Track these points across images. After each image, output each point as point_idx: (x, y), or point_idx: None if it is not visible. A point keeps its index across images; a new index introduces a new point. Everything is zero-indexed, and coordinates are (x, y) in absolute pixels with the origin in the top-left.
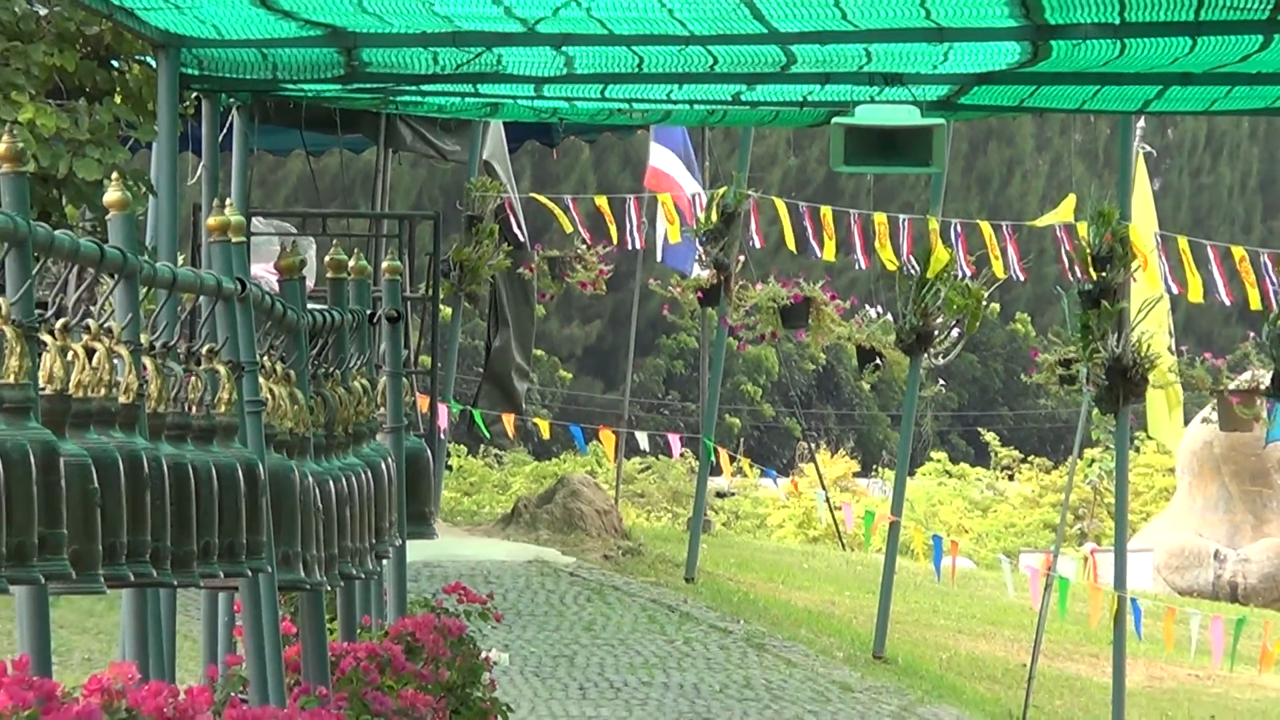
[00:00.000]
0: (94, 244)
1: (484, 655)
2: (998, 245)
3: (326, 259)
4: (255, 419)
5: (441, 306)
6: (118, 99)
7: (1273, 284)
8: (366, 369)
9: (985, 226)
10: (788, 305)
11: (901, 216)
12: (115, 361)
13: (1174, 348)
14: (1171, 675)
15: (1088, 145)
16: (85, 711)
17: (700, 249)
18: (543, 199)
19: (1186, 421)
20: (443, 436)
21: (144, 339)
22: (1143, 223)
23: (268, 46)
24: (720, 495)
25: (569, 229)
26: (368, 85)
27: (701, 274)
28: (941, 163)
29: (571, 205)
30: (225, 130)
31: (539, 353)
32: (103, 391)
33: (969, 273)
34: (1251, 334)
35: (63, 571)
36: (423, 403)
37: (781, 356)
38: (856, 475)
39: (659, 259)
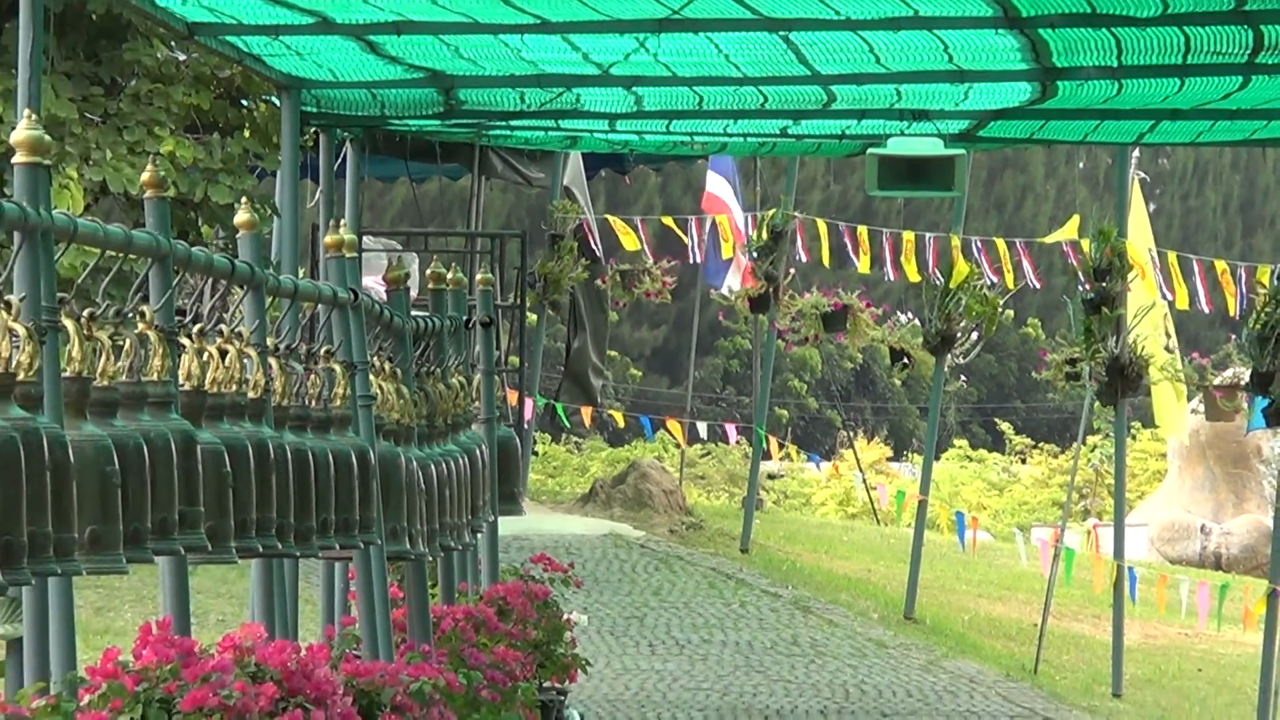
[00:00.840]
0: (226, 259)
1: (566, 616)
2: (1011, 260)
3: (428, 272)
4: (366, 411)
5: (528, 313)
6: (246, 133)
7: (1243, 293)
8: (463, 367)
9: (1001, 243)
10: (828, 312)
11: (928, 234)
12: (245, 361)
13: (1173, 347)
14: (1164, 634)
15: (1090, 172)
16: (220, 666)
17: (751, 262)
18: (615, 220)
19: None
20: (528, 426)
21: (270, 342)
22: (1140, 240)
23: (376, 88)
24: (771, 477)
25: (636, 247)
26: (464, 121)
27: (734, 287)
28: (962, 188)
29: (640, 225)
30: (340, 160)
31: (612, 353)
32: (234, 387)
33: (994, 281)
34: (1233, 336)
35: (200, 544)
36: (512, 397)
37: (823, 356)
38: (889, 460)
39: (705, 276)
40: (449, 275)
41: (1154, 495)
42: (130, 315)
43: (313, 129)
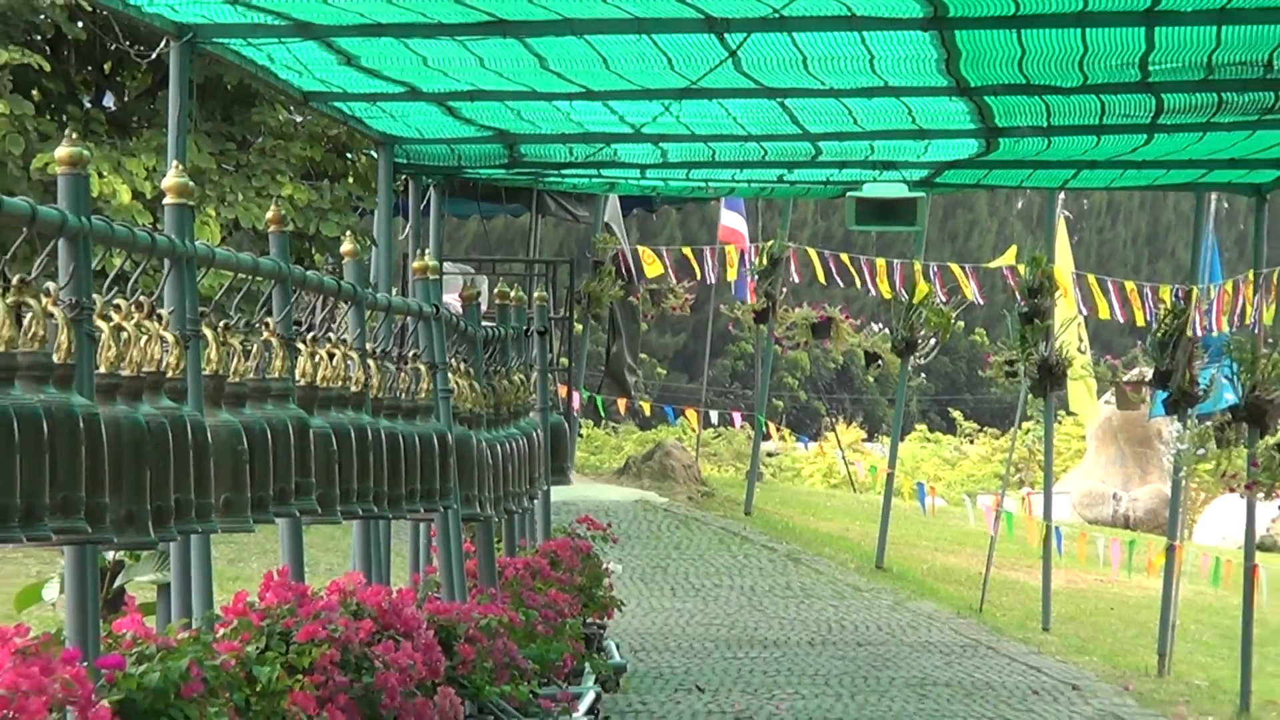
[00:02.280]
0: (334, 281)
1: (605, 566)
2: (966, 280)
3: (495, 291)
4: (445, 402)
5: (575, 324)
6: (350, 180)
7: (1148, 308)
8: (523, 367)
9: (954, 267)
10: (816, 322)
11: (896, 261)
12: (348, 362)
13: (1084, 349)
14: (1083, 580)
15: (1026, 211)
16: (328, 605)
17: (751, 283)
18: (645, 249)
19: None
20: (575, 414)
21: (368, 347)
22: (1064, 266)
23: (454, 143)
24: (769, 454)
25: (660, 271)
26: (524, 170)
27: (749, 300)
28: (923, 223)
29: (665, 253)
30: (424, 201)
31: (643, 356)
32: (339, 383)
33: (943, 299)
34: (1140, 342)
35: (312, 508)
36: (562, 391)
37: (811, 358)
38: (864, 440)
39: (732, 291)
40: (512, 293)
41: (1075, 469)
42: (257, 325)
43: (403, 176)
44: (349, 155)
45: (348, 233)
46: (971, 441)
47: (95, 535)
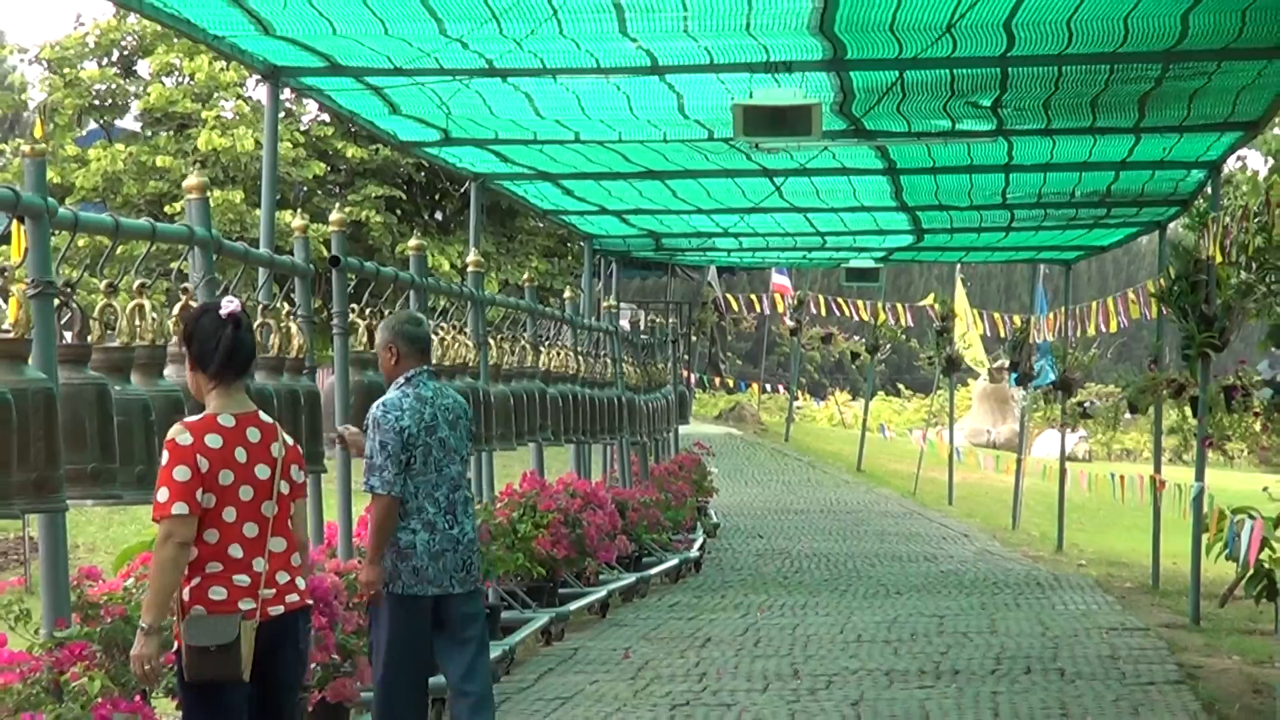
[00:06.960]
0: (557, 314)
1: (708, 469)
2: (905, 312)
3: (648, 319)
4: (620, 380)
5: (691, 337)
6: (570, 257)
7: (1008, 327)
8: (664, 360)
9: (899, 306)
10: (823, 335)
11: (867, 301)
12: (568, 357)
13: (969, 346)
14: (972, 477)
15: (940, 274)
16: (555, 491)
17: (786, 314)
18: (730, 296)
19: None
20: (692, 386)
21: (579, 348)
22: (960, 304)
23: (625, 238)
24: (798, 408)
25: (737, 308)
26: (664, 251)
27: (789, 324)
28: (883, 281)
29: (740, 298)
30: (610, 269)
31: (728, 354)
32: (563, 369)
33: (893, 323)
34: (1002, 346)
35: (548, 438)
36: (685, 373)
37: (821, 356)
38: (850, 400)
39: (776, 319)
40: (657, 320)
41: (966, 415)
42: (517, 336)
43: (598, 256)
44: (568, 243)
45: (568, 287)
46: (909, 401)
47: None
